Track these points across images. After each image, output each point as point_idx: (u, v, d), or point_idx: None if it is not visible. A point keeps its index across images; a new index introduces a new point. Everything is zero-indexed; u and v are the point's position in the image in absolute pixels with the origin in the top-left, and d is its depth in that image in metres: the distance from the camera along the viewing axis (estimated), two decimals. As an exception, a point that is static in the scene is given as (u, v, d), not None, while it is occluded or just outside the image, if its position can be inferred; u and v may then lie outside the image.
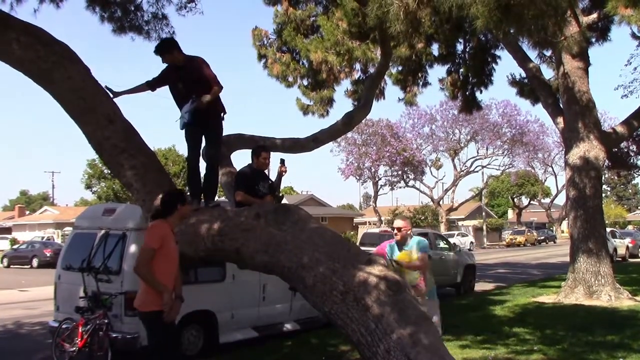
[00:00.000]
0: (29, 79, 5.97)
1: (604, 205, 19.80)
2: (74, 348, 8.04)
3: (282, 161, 7.17)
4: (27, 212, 75.71)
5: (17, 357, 9.30)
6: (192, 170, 6.51)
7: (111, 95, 6.17)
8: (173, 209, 5.34)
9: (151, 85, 6.29)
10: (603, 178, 18.08)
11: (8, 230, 66.20)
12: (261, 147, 7.22)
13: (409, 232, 6.96)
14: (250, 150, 7.15)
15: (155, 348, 5.25)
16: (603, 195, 20.71)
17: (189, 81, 6.09)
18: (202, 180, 6.52)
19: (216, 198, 6.72)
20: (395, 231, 6.94)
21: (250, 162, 7.00)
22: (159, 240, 5.12)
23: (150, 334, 5.31)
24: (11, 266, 33.23)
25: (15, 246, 39.39)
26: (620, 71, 63.21)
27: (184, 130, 6.25)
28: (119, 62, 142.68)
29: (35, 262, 32.36)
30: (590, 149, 13.81)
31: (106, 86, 6.20)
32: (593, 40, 14.98)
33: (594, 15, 14.11)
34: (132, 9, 10.30)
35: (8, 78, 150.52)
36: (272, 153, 8.83)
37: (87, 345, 7.82)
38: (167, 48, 6.13)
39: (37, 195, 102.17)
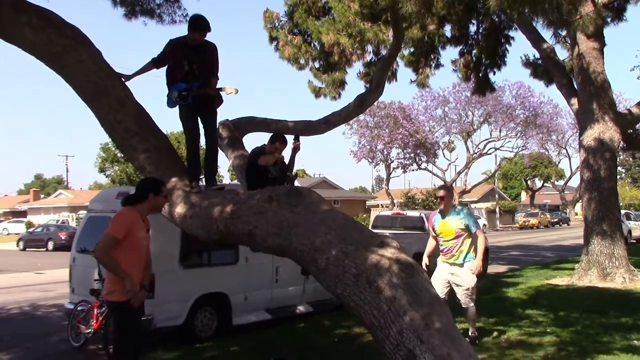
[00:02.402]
0: (41, 62, 5.97)
1: (619, 187, 19.64)
2: (90, 330, 8.17)
3: (297, 137, 7.14)
4: (42, 196, 76.55)
5: (34, 339, 9.42)
6: (194, 152, 6.49)
7: (123, 80, 6.16)
8: (144, 197, 5.25)
9: (157, 62, 6.18)
10: (618, 160, 17.91)
11: (23, 213, 67.10)
12: (279, 135, 7.16)
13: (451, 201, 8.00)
14: (260, 134, 7.11)
15: (120, 337, 5.23)
16: (618, 177, 20.54)
17: (201, 63, 6.05)
18: (204, 162, 6.49)
19: (229, 181, 6.69)
20: (439, 200, 7.93)
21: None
22: (124, 230, 5.01)
23: (117, 322, 5.28)
24: (27, 249, 33.72)
25: (31, 229, 39.89)
26: (636, 52, 62.17)
27: (178, 110, 6.21)
28: (129, 46, 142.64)
29: (50, 245, 32.81)
30: (605, 130, 13.66)
31: (118, 73, 6.18)
32: (608, 20, 14.75)
33: (610, -5, 13.89)
34: (144, -9, 10.23)
35: (21, 62, 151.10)
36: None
37: (102, 327, 7.92)
38: (208, 26, 6.08)
39: (52, 179, 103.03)
